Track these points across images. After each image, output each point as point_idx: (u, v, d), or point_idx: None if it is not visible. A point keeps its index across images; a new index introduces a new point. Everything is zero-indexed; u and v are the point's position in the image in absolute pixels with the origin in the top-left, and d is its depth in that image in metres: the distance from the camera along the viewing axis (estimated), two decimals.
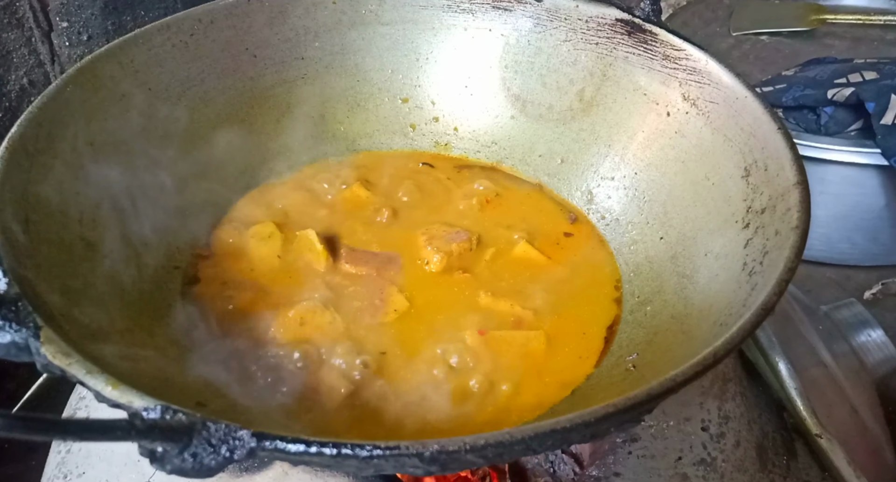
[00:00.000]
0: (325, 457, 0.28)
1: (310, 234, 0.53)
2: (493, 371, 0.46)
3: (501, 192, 0.61)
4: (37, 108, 0.42)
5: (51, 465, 0.54)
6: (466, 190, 0.61)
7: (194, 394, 0.39)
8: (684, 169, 0.52)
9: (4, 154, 0.39)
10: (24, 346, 0.30)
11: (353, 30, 0.63)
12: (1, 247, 0.34)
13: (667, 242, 0.51)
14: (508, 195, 0.61)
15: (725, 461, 0.49)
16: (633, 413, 0.30)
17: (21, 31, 0.72)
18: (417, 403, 0.44)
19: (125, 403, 0.28)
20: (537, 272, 0.53)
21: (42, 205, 0.40)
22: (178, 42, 0.54)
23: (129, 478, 0.47)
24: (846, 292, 0.90)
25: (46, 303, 0.34)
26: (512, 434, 0.29)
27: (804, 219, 0.38)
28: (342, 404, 0.43)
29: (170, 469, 0.27)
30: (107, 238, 0.45)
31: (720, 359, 0.31)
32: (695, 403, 0.51)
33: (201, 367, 0.40)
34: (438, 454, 0.28)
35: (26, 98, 0.76)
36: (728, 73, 0.49)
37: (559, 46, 0.61)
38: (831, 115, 0.83)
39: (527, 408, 0.44)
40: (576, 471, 0.55)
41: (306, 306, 0.48)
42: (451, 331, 0.48)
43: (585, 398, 0.44)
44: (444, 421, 0.43)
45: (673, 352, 0.41)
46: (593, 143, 0.60)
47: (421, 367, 0.46)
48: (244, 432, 0.28)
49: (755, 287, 0.37)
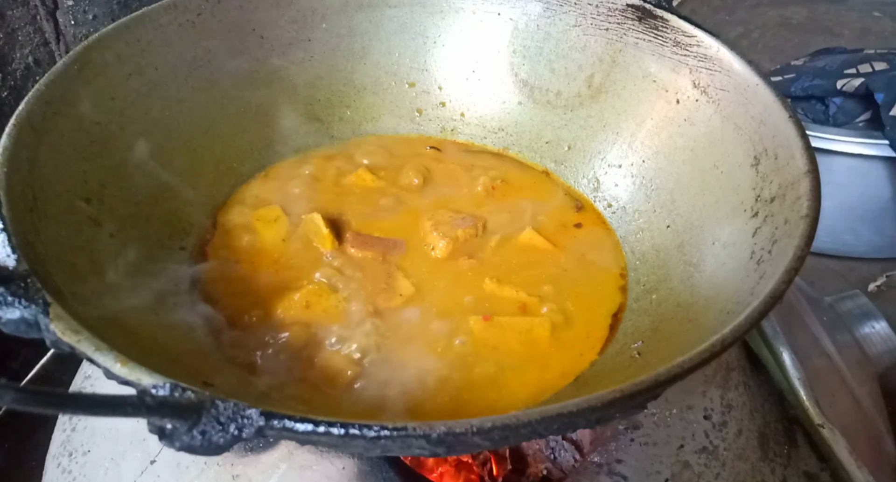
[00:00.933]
0: (332, 437, 0.28)
1: (315, 217, 0.53)
2: (497, 356, 0.46)
3: (508, 178, 0.61)
4: (44, 86, 0.42)
5: (55, 443, 0.54)
6: (473, 175, 0.61)
7: (199, 374, 0.39)
8: (693, 157, 0.52)
9: (12, 132, 0.39)
10: (34, 323, 0.30)
11: (361, 12, 0.63)
12: (10, 224, 0.34)
13: (674, 231, 0.51)
14: (515, 181, 0.61)
15: (727, 449, 0.49)
16: (639, 399, 0.30)
17: (26, 8, 0.71)
18: (421, 387, 0.44)
19: (134, 380, 0.29)
20: (543, 259, 0.53)
21: (49, 183, 0.40)
22: (185, 21, 0.54)
23: (134, 457, 0.47)
24: (850, 284, 0.90)
25: (55, 280, 0.34)
26: (518, 417, 0.29)
27: (814, 207, 0.37)
28: (346, 387, 0.43)
29: (178, 446, 0.27)
30: (112, 217, 0.45)
31: (727, 346, 0.31)
32: (698, 392, 0.51)
33: (206, 347, 0.40)
34: (445, 436, 0.29)
35: (31, 77, 0.75)
36: (740, 60, 0.49)
37: (568, 31, 0.60)
38: (840, 105, 0.83)
39: (530, 393, 0.45)
40: (576, 458, 0.55)
41: (312, 289, 0.48)
42: (456, 316, 0.48)
43: (589, 385, 0.44)
44: (448, 405, 0.43)
45: (679, 340, 0.41)
46: (601, 130, 0.60)
47: (425, 352, 0.46)
48: (252, 411, 0.28)
49: (763, 275, 0.37)
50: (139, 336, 0.38)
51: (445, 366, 0.45)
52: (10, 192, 0.36)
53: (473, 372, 0.45)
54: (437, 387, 0.44)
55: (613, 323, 0.49)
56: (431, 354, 0.46)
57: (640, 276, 0.51)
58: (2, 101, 0.72)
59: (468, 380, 0.45)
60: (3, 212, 0.34)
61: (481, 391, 0.44)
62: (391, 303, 0.49)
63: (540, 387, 0.45)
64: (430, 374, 0.44)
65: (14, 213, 0.35)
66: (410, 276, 0.51)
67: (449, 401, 0.43)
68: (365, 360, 0.45)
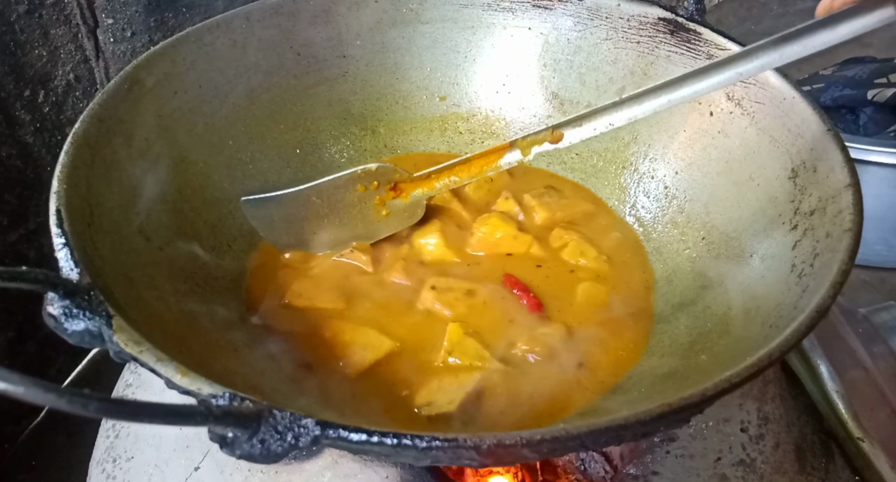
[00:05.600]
0: (385, 447, 0.29)
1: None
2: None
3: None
4: (98, 105, 0.44)
5: (99, 449, 0.56)
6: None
7: (244, 384, 0.40)
8: (727, 169, 0.52)
9: (69, 150, 0.40)
10: (98, 334, 0.31)
11: (394, 28, 0.64)
12: (71, 238, 0.35)
13: (709, 243, 0.51)
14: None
15: (765, 462, 0.49)
16: (686, 413, 0.31)
17: (68, 27, 0.74)
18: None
19: (194, 390, 0.29)
20: (579, 272, 0.54)
21: (104, 198, 0.42)
22: (227, 40, 0.55)
23: (178, 464, 0.48)
24: (881, 295, 0.89)
25: (113, 292, 0.35)
26: (568, 430, 0.29)
27: (857, 221, 0.38)
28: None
29: (239, 454, 0.28)
30: (160, 231, 0.46)
31: (775, 361, 0.31)
32: (734, 404, 0.51)
33: (255, 357, 0.41)
34: (495, 447, 0.29)
35: (72, 93, 0.78)
36: (775, 73, 0.49)
37: (599, 45, 0.61)
38: (871, 115, 0.82)
39: (556, 410, 0.45)
40: (606, 470, 0.55)
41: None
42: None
43: (628, 397, 0.44)
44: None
45: (718, 353, 0.41)
46: (632, 141, 0.60)
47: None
48: (309, 420, 0.29)
49: (806, 289, 0.37)
50: (190, 343, 0.39)
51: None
52: (70, 207, 0.37)
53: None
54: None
55: (648, 336, 0.49)
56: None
57: (675, 288, 0.51)
58: (43, 116, 0.74)
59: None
60: (65, 227, 0.36)
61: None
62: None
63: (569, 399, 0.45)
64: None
65: (74, 229, 0.36)
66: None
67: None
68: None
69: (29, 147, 0.70)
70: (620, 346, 0.48)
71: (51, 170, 0.38)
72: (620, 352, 0.48)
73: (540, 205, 0.59)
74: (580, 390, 0.45)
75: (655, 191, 0.58)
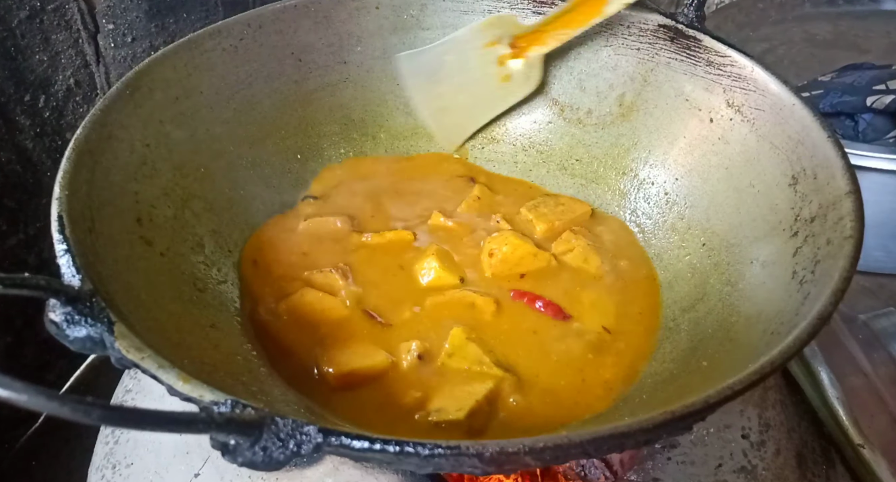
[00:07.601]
0: (387, 455, 0.29)
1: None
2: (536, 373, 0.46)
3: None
4: (99, 110, 0.44)
5: (98, 455, 0.55)
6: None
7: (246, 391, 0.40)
8: (727, 175, 0.52)
9: (71, 155, 0.40)
10: (99, 341, 0.31)
11: (395, 34, 0.64)
12: (73, 245, 0.35)
13: (709, 249, 0.51)
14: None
15: (766, 469, 0.49)
16: (689, 420, 0.31)
17: (69, 32, 0.74)
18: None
19: (196, 397, 0.29)
20: (585, 280, 0.54)
21: (104, 204, 0.42)
22: (229, 46, 0.55)
23: (177, 470, 0.48)
24: (880, 301, 0.89)
25: (115, 299, 0.35)
26: (570, 438, 0.29)
27: (858, 228, 0.38)
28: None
29: (241, 461, 0.28)
30: (162, 236, 0.46)
31: (777, 367, 0.31)
32: (735, 411, 0.51)
33: (256, 364, 0.41)
34: (498, 455, 0.29)
35: (72, 98, 0.78)
36: (775, 80, 0.49)
37: (599, 51, 0.61)
38: (869, 121, 0.83)
39: (563, 413, 0.45)
40: (606, 475, 0.55)
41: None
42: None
43: (628, 403, 0.44)
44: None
45: (719, 360, 0.41)
46: (633, 147, 0.60)
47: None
48: (311, 428, 0.29)
49: (808, 296, 0.37)
50: (191, 350, 0.39)
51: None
52: (71, 213, 0.37)
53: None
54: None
55: (650, 342, 0.49)
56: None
57: (675, 295, 0.51)
58: (44, 121, 0.74)
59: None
60: (66, 234, 0.36)
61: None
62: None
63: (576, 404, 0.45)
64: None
65: (76, 235, 0.36)
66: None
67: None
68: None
69: (29, 152, 0.70)
70: (629, 352, 0.48)
71: (50, 175, 0.38)
72: (630, 359, 0.48)
73: (537, 216, 0.58)
74: (594, 398, 0.45)
75: (656, 197, 0.58)
